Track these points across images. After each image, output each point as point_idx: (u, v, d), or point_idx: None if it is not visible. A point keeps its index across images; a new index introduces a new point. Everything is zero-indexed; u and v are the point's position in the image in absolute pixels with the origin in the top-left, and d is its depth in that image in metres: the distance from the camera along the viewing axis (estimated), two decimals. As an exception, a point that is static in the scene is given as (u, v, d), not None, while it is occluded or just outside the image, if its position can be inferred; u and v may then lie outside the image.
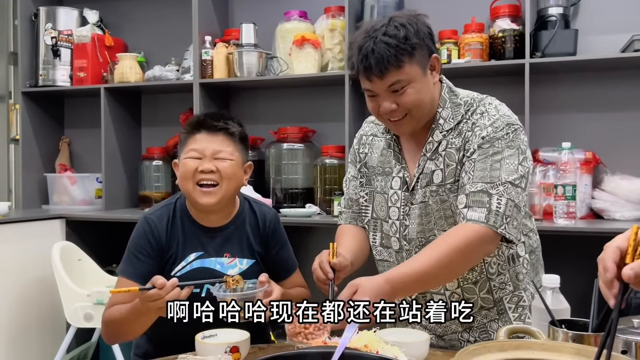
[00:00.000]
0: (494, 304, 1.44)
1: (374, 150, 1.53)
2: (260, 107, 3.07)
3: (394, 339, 1.21)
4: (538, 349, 0.80)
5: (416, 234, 1.43)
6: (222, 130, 1.44)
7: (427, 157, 1.42)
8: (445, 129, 1.40)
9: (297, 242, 3.06)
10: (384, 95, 1.33)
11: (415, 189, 1.43)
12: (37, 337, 2.67)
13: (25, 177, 3.17)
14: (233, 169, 1.44)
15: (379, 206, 1.50)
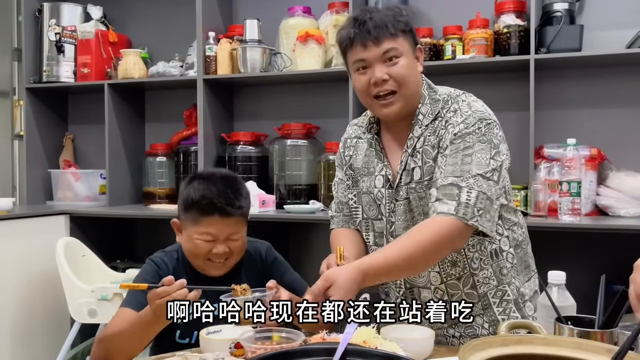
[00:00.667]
0: (478, 299, 1.45)
1: (358, 152, 1.54)
2: (263, 103, 3.07)
3: (398, 335, 1.21)
4: (539, 343, 0.80)
5: (402, 231, 1.43)
6: (236, 214, 1.43)
7: (408, 154, 1.43)
8: (424, 124, 1.41)
9: (301, 238, 3.08)
10: (376, 64, 1.36)
11: (399, 185, 1.44)
12: (42, 333, 2.68)
13: (30, 173, 3.18)
14: (243, 243, 1.47)
15: (368, 206, 1.51)
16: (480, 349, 0.76)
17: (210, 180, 1.44)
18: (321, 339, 1.17)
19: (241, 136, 2.90)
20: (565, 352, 0.79)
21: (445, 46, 2.52)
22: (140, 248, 3.28)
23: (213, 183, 1.43)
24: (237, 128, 3.09)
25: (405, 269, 1.31)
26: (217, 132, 2.95)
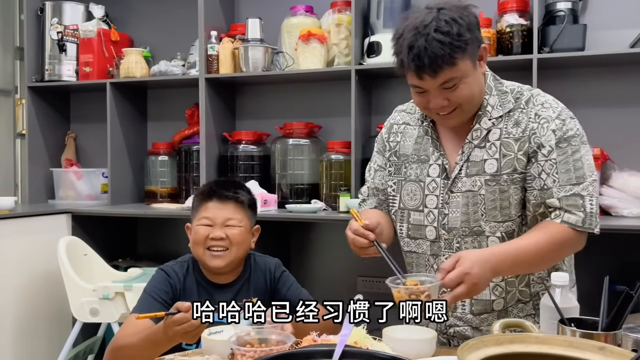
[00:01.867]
0: (530, 298, 1.44)
1: (406, 139, 1.51)
2: (266, 102, 3.07)
3: (400, 336, 1.21)
4: (532, 342, 0.82)
5: (460, 224, 1.41)
6: (232, 199, 1.51)
7: (474, 145, 1.41)
8: (494, 117, 1.40)
9: (302, 238, 3.08)
10: (434, 92, 1.32)
11: (457, 177, 1.42)
12: (44, 332, 2.68)
13: (32, 172, 3.18)
14: (242, 235, 1.50)
15: (409, 195, 1.48)
16: (476, 349, 0.77)
17: (215, 180, 1.60)
18: (312, 340, 1.17)
19: (243, 135, 2.90)
20: (557, 350, 0.80)
21: (448, 45, 2.51)
22: (142, 247, 3.29)
23: (216, 180, 1.60)
24: (239, 127, 3.09)
25: (531, 260, 1.33)
26: (219, 131, 2.95)
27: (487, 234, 1.40)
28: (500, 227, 1.39)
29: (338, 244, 2.96)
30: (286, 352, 0.77)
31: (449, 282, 1.21)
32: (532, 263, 1.35)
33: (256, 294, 1.55)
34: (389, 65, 2.56)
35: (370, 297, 3.18)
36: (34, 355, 2.62)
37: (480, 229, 1.40)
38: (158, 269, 1.54)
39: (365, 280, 2.89)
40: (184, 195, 2.98)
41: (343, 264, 2.93)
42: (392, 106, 2.82)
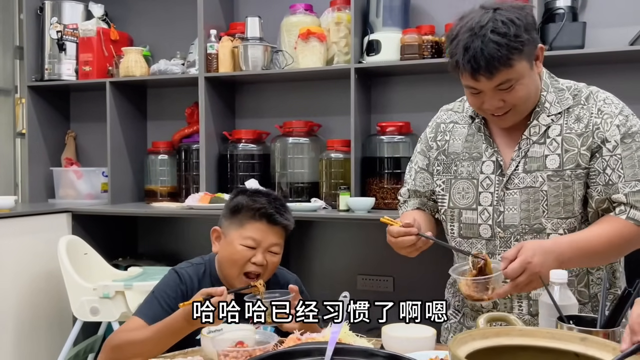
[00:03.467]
0: (589, 300, 1.43)
1: (456, 137, 1.51)
2: (265, 100, 3.06)
3: (399, 334, 1.21)
4: (516, 334, 0.85)
5: (519, 221, 1.40)
6: (282, 225, 1.46)
7: (532, 141, 1.40)
8: (553, 113, 1.40)
9: (303, 237, 3.08)
10: (490, 94, 1.32)
11: (514, 174, 1.41)
12: (44, 330, 2.69)
13: (32, 171, 3.18)
14: (278, 262, 1.48)
15: (460, 194, 1.47)
16: (464, 342, 0.79)
17: (259, 193, 1.51)
18: (296, 339, 1.17)
19: (243, 134, 2.90)
20: (540, 342, 0.83)
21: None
22: (143, 246, 3.29)
23: (263, 195, 1.50)
24: (238, 126, 3.09)
25: (597, 253, 1.33)
26: (218, 130, 2.95)
27: (548, 231, 1.38)
28: (563, 224, 1.38)
29: (338, 243, 2.97)
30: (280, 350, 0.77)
31: (511, 273, 1.21)
32: (595, 256, 1.34)
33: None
34: (388, 64, 2.59)
35: (370, 296, 3.19)
36: (35, 354, 2.62)
37: (542, 226, 1.38)
38: (171, 269, 1.50)
39: (365, 278, 2.90)
40: (183, 194, 2.98)
41: (343, 262, 2.93)
42: (392, 104, 2.86)
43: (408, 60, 2.52)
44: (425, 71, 2.69)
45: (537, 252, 1.22)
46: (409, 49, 2.53)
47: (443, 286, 1.71)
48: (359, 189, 2.64)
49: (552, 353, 0.82)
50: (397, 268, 2.84)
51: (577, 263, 1.36)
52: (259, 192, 1.51)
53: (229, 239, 1.45)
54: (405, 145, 2.61)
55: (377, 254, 2.88)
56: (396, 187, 2.58)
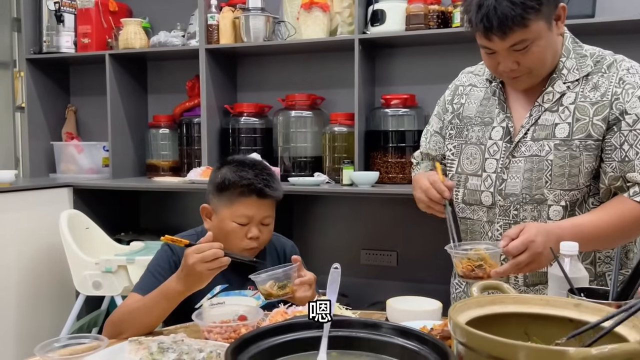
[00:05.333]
0: (594, 278, 1.38)
1: (471, 101, 1.48)
2: (267, 73, 3.01)
3: (405, 307, 1.19)
4: (510, 302, 0.85)
5: (520, 190, 1.36)
6: (272, 197, 1.45)
7: (544, 108, 1.36)
8: (569, 80, 1.35)
9: (305, 212, 3.06)
10: (504, 54, 1.28)
11: (521, 141, 1.37)
12: (47, 305, 2.69)
13: (32, 146, 3.16)
14: (272, 230, 1.48)
15: (468, 160, 1.44)
16: (462, 311, 0.80)
17: (244, 164, 1.45)
18: (283, 312, 1.15)
19: (245, 107, 2.85)
20: (534, 309, 0.83)
21: (454, 13, 2.44)
22: (144, 221, 3.27)
23: (248, 167, 1.45)
24: (240, 99, 3.04)
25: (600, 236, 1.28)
26: (220, 103, 2.90)
27: (549, 203, 1.34)
28: (565, 196, 1.33)
29: (342, 217, 2.94)
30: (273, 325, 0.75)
31: (512, 249, 1.18)
32: (600, 240, 1.30)
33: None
34: (393, 34, 2.53)
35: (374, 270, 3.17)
36: (38, 329, 2.63)
37: (543, 197, 1.34)
38: (163, 243, 1.47)
39: (369, 253, 2.88)
40: (185, 169, 2.95)
41: (346, 237, 2.92)
42: (397, 77, 2.80)
43: (414, 31, 2.47)
44: (431, 42, 2.63)
45: (540, 232, 1.19)
46: (414, 19, 2.47)
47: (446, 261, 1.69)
48: (363, 163, 2.60)
49: (546, 319, 0.82)
50: (401, 243, 2.82)
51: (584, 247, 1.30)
52: (243, 164, 1.46)
53: (220, 217, 1.43)
54: (410, 119, 2.56)
55: (380, 228, 2.86)
56: (401, 161, 2.55)
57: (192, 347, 0.95)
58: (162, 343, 0.97)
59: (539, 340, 0.81)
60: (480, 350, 0.69)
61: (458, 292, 1.57)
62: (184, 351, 0.94)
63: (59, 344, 1.00)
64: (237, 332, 1.11)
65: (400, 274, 2.82)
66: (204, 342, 1.01)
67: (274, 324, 0.77)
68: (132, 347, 0.97)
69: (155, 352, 0.93)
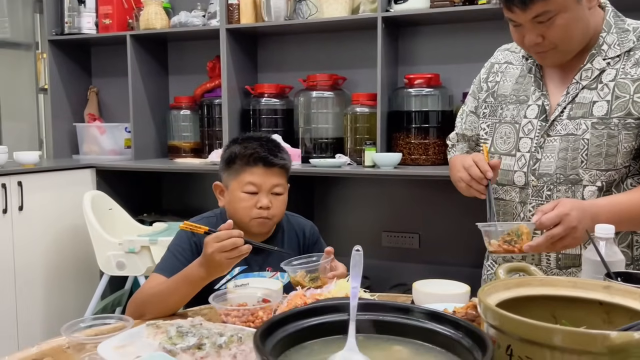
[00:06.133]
0: (631, 262, 1.34)
1: (507, 79, 1.45)
2: (288, 53, 2.98)
3: (431, 290, 1.16)
4: (537, 284, 0.83)
5: (554, 170, 1.33)
6: (278, 165, 1.44)
7: (582, 85, 1.31)
8: (610, 56, 1.30)
9: (326, 193, 3.04)
10: (528, 27, 1.24)
11: (557, 119, 1.33)
12: (73, 284, 2.73)
13: (55, 127, 3.18)
14: (285, 201, 1.47)
15: (502, 139, 1.41)
16: (489, 294, 0.78)
17: (251, 139, 1.49)
18: (302, 295, 1.13)
19: (265, 88, 2.83)
20: (562, 291, 0.81)
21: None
22: (167, 202, 3.29)
23: (255, 140, 1.48)
24: (261, 80, 3.01)
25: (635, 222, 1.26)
26: (241, 84, 2.88)
27: (584, 183, 1.30)
28: (601, 176, 1.29)
29: (363, 199, 2.92)
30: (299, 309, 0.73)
31: (546, 221, 1.16)
32: (636, 222, 1.27)
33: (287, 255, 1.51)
34: (417, 12, 2.47)
35: (395, 252, 3.15)
36: (63, 308, 2.67)
37: (578, 177, 1.30)
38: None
39: (390, 235, 2.86)
40: (206, 150, 2.95)
41: (368, 219, 2.90)
42: (421, 56, 2.74)
43: (438, 8, 2.40)
44: (456, 20, 2.57)
45: (575, 208, 1.17)
46: (439, -4, 2.41)
47: (469, 243, 1.67)
48: (385, 144, 2.57)
49: (574, 302, 0.80)
50: (423, 224, 2.79)
51: (619, 227, 1.25)
52: (250, 138, 1.49)
53: (230, 190, 1.45)
54: (434, 99, 2.51)
55: (403, 210, 2.83)
56: (424, 142, 2.51)
57: (212, 331, 0.94)
58: (181, 327, 0.95)
59: (568, 323, 0.79)
60: (512, 333, 0.67)
61: (489, 274, 1.54)
62: (203, 335, 0.92)
63: (85, 324, 1.00)
64: (254, 315, 1.10)
65: (423, 256, 2.79)
66: (222, 325, 0.99)
67: (301, 308, 0.75)
68: (150, 331, 0.95)
69: (174, 337, 0.91)
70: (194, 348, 0.88)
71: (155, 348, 0.88)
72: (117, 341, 0.94)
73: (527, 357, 0.66)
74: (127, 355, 0.89)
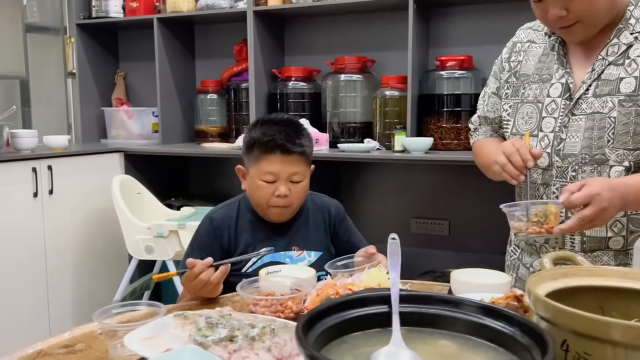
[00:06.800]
0: None
1: (529, 58, 1.40)
2: (316, 35, 2.92)
3: (471, 280, 1.12)
4: (584, 274, 0.79)
5: (579, 149, 1.28)
6: (297, 152, 1.40)
7: (608, 61, 1.27)
8: (637, 30, 1.25)
9: (354, 179, 2.99)
10: (551, 1, 1.20)
11: (582, 97, 1.28)
12: (102, 268, 2.75)
13: (83, 111, 3.19)
14: (305, 188, 1.44)
15: (524, 119, 1.37)
16: (536, 285, 0.75)
17: (272, 122, 1.44)
18: (332, 285, 1.09)
19: (293, 72, 2.78)
20: (611, 282, 0.78)
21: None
22: (194, 186, 3.29)
23: (275, 124, 1.43)
24: (288, 63, 2.97)
25: None
26: (267, 67, 2.84)
27: (611, 163, 1.25)
28: (629, 156, 1.24)
29: (391, 185, 2.87)
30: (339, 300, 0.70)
31: (575, 200, 1.12)
32: None
33: (313, 233, 1.50)
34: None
35: (424, 239, 3.08)
36: (93, 292, 2.70)
37: (604, 157, 1.25)
38: (205, 215, 1.49)
39: (419, 221, 2.81)
40: (233, 135, 2.93)
41: (396, 205, 2.85)
42: (452, 38, 2.66)
43: (472, -13, 2.32)
44: (490, 0, 2.48)
45: (604, 188, 1.13)
46: (473, -25, 2.32)
47: (500, 229, 1.61)
48: (416, 128, 2.51)
49: (624, 293, 0.76)
50: (453, 211, 2.73)
51: None
52: (270, 121, 1.44)
53: (250, 176, 1.43)
54: (466, 81, 2.44)
55: (432, 196, 2.78)
56: (456, 127, 2.44)
57: (243, 322, 0.90)
58: (210, 318, 0.91)
59: (618, 315, 0.74)
60: (565, 326, 0.64)
61: (513, 259, 1.50)
62: (234, 327, 0.87)
63: (117, 310, 0.99)
64: (284, 305, 1.07)
65: (452, 243, 2.74)
66: (253, 316, 0.96)
67: (340, 299, 0.72)
68: (178, 322, 0.91)
69: (203, 328, 0.87)
70: (225, 340, 0.84)
71: (185, 340, 0.85)
72: (144, 332, 0.90)
73: (585, 354, 0.62)
74: (155, 347, 0.86)
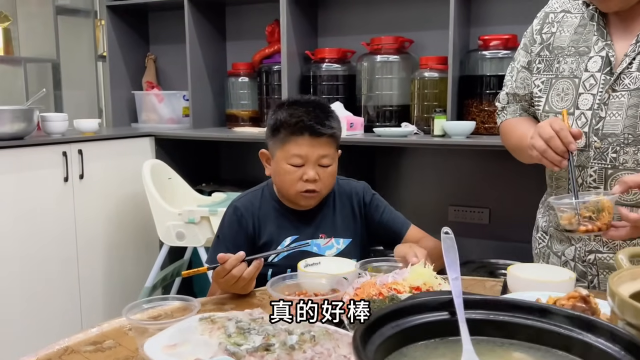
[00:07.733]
0: None
1: (564, 29, 1.29)
2: (350, 15, 2.81)
3: (530, 276, 1.02)
4: None
5: (621, 129, 1.18)
6: (326, 134, 1.34)
7: None
8: None
9: (389, 164, 2.89)
10: None
11: (625, 72, 1.18)
12: (133, 253, 2.73)
13: (114, 95, 3.16)
14: (334, 172, 1.38)
15: (559, 96, 1.26)
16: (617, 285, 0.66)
17: (298, 103, 1.38)
18: (372, 283, 1.00)
19: (326, 53, 2.68)
20: None
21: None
22: (225, 172, 3.24)
23: (302, 105, 1.37)
24: (321, 44, 2.87)
25: None
26: (300, 49, 2.75)
27: None
28: None
29: (429, 171, 2.76)
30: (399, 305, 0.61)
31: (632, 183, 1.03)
32: None
33: (341, 219, 1.43)
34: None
35: (462, 228, 2.96)
36: (124, 278, 2.68)
37: None
38: (230, 204, 1.44)
39: (457, 209, 2.70)
40: (265, 119, 2.85)
41: (434, 192, 2.74)
42: (495, 16, 2.52)
43: (520, -39, 2.18)
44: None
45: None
46: (521, -53, 2.18)
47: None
48: (456, 111, 2.39)
49: None
50: (494, 199, 2.61)
51: None
52: (297, 102, 1.38)
53: (276, 160, 1.37)
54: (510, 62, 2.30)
55: (472, 183, 2.66)
56: (499, 110, 2.31)
57: (278, 327, 0.80)
58: (240, 322, 0.82)
59: None
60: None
61: (541, 247, 1.40)
62: (269, 333, 0.78)
63: (147, 305, 0.92)
64: None
65: (493, 232, 2.62)
66: (288, 320, 0.87)
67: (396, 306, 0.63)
68: (205, 327, 0.82)
69: (234, 334, 0.78)
70: (261, 350, 0.75)
71: (214, 349, 0.75)
72: (167, 339, 0.80)
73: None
74: (181, 356, 0.76)
